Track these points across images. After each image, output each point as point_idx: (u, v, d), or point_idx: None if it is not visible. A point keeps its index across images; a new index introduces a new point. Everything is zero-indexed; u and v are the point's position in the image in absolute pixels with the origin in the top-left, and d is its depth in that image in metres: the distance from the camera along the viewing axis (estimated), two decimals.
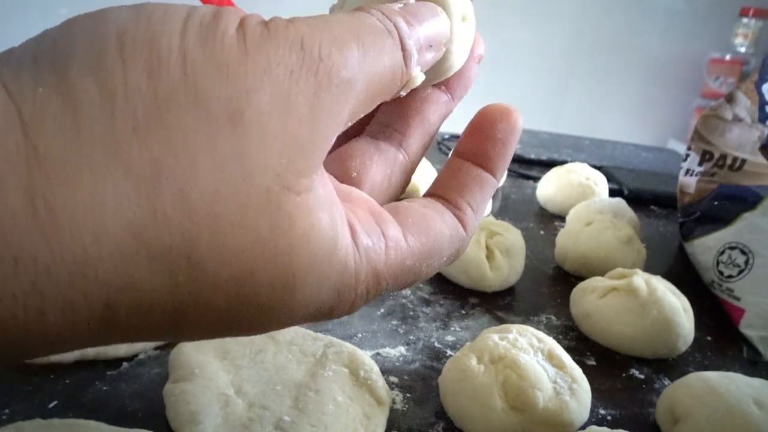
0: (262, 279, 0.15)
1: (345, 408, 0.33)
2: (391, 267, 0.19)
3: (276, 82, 0.15)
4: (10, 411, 0.32)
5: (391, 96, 0.19)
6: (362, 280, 0.18)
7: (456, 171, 0.22)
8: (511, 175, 0.88)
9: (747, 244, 0.53)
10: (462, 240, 0.21)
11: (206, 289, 0.15)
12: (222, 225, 0.14)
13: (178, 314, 0.15)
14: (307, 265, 0.16)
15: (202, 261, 0.14)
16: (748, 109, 0.62)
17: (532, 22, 1.88)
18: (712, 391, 0.35)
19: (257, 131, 0.14)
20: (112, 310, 0.14)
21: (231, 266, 0.15)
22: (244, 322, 0.16)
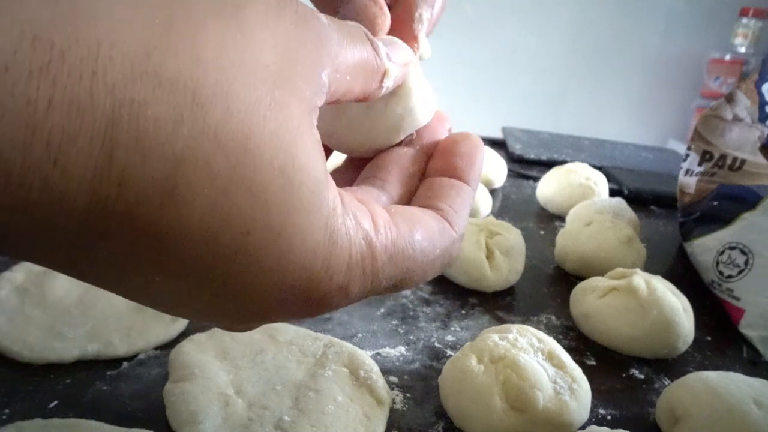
0: (262, 151, 0.15)
1: (345, 408, 0.33)
2: (382, 241, 0.19)
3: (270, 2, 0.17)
4: (10, 411, 0.32)
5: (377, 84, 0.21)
6: (354, 240, 0.18)
7: (431, 185, 0.24)
8: (511, 175, 0.88)
9: (747, 244, 0.53)
10: (452, 237, 0.22)
11: (208, 140, 0.15)
12: (227, 76, 0.15)
13: (176, 164, 0.14)
14: (302, 165, 0.16)
15: (206, 102, 0.15)
16: (748, 109, 0.62)
17: (532, 23, 1.88)
18: (712, 391, 0.35)
19: (255, 22, 0.16)
20: (114, 132, 0.13)
21: (233, 124, 0.15)
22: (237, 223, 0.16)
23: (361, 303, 0.47)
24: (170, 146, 0.14)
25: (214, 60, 0.15)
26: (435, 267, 0.22)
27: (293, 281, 0.17)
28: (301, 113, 0.17)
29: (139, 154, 0.14)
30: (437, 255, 0.21)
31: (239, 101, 0.15)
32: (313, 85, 0.17)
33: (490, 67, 1.90)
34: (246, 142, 0.15)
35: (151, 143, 0.14)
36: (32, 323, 0.37)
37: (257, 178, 0.15)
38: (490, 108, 1.80)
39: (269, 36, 0.16)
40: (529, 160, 0.98)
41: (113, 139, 0.13)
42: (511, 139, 1.06)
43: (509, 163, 0.91)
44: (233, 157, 0.15)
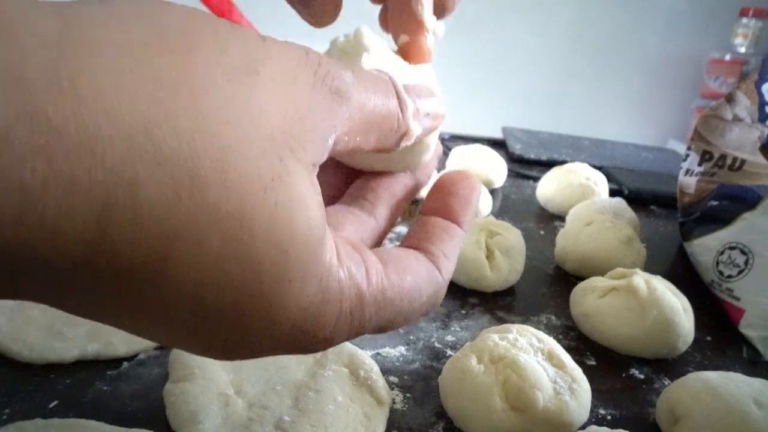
0: (258, 229, 0.15)
1: (345, 408, 0.33)
2: (373, 292, 0.19)
3: (285, 61, 0.17)
4: (10, 411, 0.32)
5: (391, 142, 0.20)
6: (346, 295, 0.18)
7: (425, 224, 0.24)
8: (511, 175, 0.88)
9: (747, 244, 0.53)
10: (439, 284, 0.22)
11: (204, 217, 0.15)
12: (227, 154, 0.15)
13: (170, 240, 0.14)
14: (301, 236, 0.16)
15: (206, 183, 0.14)
16: (748, 109, 0.62)
17: (532, 22, 1.88)
18: (712, 391, 0.35)
19: (267, 88, 0.16)
20: (109, 213, 0.13)
21: (231, 201, 0.15)
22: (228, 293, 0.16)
23: None
24: (165, 224, 0.14)
25: (217, 133, 0.15)
26: (418, 313, 0.22)
27: (281, 336, 0.17)
28: (303, 179, 0.17)
29: (133, 233, 0.14)
30: (423, 302, 0.21)
31: (239, 177, 0.15)
32: (320, 149, 0.17)
33: (490, 67, 1.90)
34: (242, 219, 0.15)
35: (145, 222, 0.14)
36: (32, 323, 0.37)
37: (252, 253, 0.15)
38: (490, 108, 1.80)
39: (279, 101, 0.16)
40: (529, 160, 0.98)
41: (108, 219, 0.13)
42: (511, 139, 1.06)
43: (509, 163, 0.91)
44: (228, 234, 0.15)
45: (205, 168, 0.14)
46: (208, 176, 0.14)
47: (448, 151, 0.88)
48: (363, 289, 0.19)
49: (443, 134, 1.07)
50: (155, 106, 0.14)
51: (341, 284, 0.18)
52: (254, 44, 0.16)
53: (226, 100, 0.15)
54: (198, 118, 0.14)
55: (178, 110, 0.14)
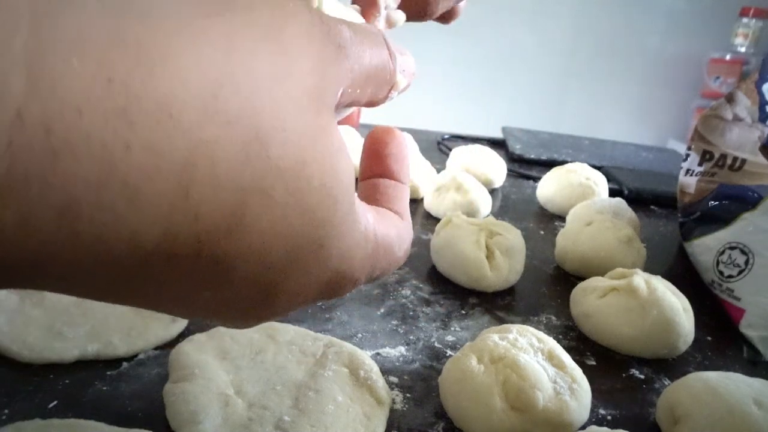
0: (313, 179, 0.17)
1: (345, 408, 0.33)
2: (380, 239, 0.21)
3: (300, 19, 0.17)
4: (10, 411, 0.31)
5: (384, 94, 0.22)
6: (369, 238, 0.20)
7: (377, 187, 0.25)
8: (511, 175, 0.88)
9: (747, 244, 0.53)
10: (410, 235, 0.24)
11: (270, 172, 0.15)
12: (280, 111, 0.16)
13: (244, 196, 0.15)
14: (345, 181, 0.18)
15: (268, 139, 0.15)
16: (748, 109, 0.62)
17: (532, 22, 1.88)
18: (712, 391, 0.35)
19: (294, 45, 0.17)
20: (190, 172, 0.14)
21: (289, 155, 0.16)
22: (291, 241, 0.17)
23: (361, 303, 0.48)
24: (239, 180, 0.15)
25: (269, 91, 0.15)
26: (401, 261, 0.24)
27: (324, 280, 0.19)
28: (338, 133, 0.18)
29: (212, 190, 0.14)
30: (404, 251, 0.24)
31: (293, 130, 0.16)
32: (335, 101, 0.18)
33: (490, 67, 1.90)
34: (300, 169, 0.16)
35: (222, 180, 0.15)
36: (32, 323, 0.37)
37: (309, 201, 0.17)
38: (490, 108, 1.81)
39: (307, 59, 0.17)
40: (529, 160, 0.98)
41: (190, 178, 0.14)
42: (511, 139, 1.06)
43: (509, 163, 0.91)
44: (291, 184, 0.16)
45: (265, 125, 0.15)
46: (269, 133, 0.15)
47: (448, 151, 0.88)
48: (376, 235, 0.21)
49: (443, 134, 1.07)
50: (216, 68, 0.14)
51: (366, 228, 0.20)
52: (274, 4, 0.17)
53: (268, 58, 0.16)
54: (253, 76, 0.15)
55: (235, 70, 0.15)
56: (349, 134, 0.80)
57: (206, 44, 0.14)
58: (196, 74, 0.14)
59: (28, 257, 0.13)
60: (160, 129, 0.13)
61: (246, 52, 0.15)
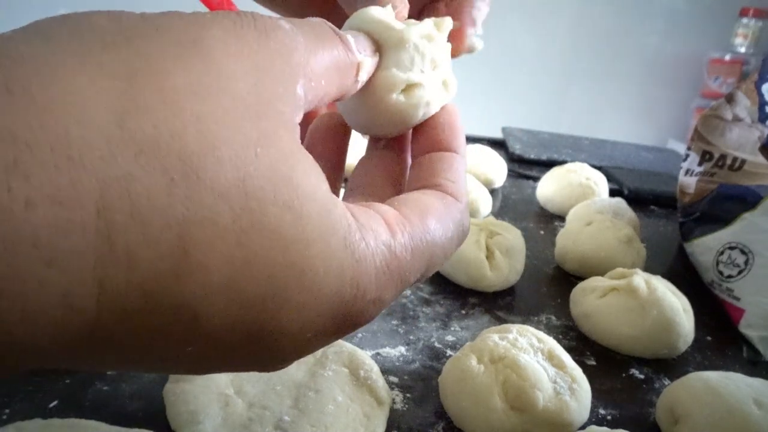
0: (263, 194, 0.15)
1: (345, 408, 0.33)
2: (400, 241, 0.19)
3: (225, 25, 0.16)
4: (10, 411, 0.32)
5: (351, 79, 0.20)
6: (376, 251, 0.18)
7: (421, 164, 0.23)
8: (511, 175, 0.88)
9: (747, 244, 0.53)
10: (459, 210, 0.22)
11: (206, 195, 0.14)
12: (207, 123, 0.14)
13: (182, 230, 0.13)
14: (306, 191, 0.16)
15: (194, 159, 0.14)
16: (748, 109, 0.62)
17: (532, 22, 1.88)
18: (712, 391, 0.35)
19: (219, 51, 0.15)
20: (107, 215, 0.12)
21: (227, 172, 0.14)
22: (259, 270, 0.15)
23: None
24: (170, 212, 0.13)
25: (190, 109, 0.14)
26: (453, 243, 0.21)
27: (328, 310, 0.17)
28: (290, 137, 0.16)
29: (139, 230, 0.13)
30: (452, 231, 0.21)
31: (227, 147, 0.14)
32: (291, 104, 0.17)
33: (490, 67, 1.90)
34: (244, 186, 0.14)
35: (149, 216, 0.13)
36: None
37: (266, 221, 0.15)
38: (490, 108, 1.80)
39: (235, 63, 0.15)
40: (529, 160, 0.98)
41: (108, 222, 0.12)
42: (511, 139, 1.06)
43: (509, 163, 0.91)
44: (237, 205, 0.14)
45: (189, 145, 0.14)
46: (195, 153, 0.14)
47: None
48: (389, 240, 0.18)
49: None
50: (117, 98, 0.13)
51: (367, 240, 0.18)
52: (185, 16, 0.15)
53: (182, 72, 0.14)
54: (163, 97, 0.14)
55: (143, 95, 0.13)
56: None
57: (103, 76, 0.13)
58: (94, 109, 0.13)
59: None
60: (62, 175, 0.12)
61: (154, 74, 0.14)
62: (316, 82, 0.18)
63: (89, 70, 0.13)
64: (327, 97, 0.19)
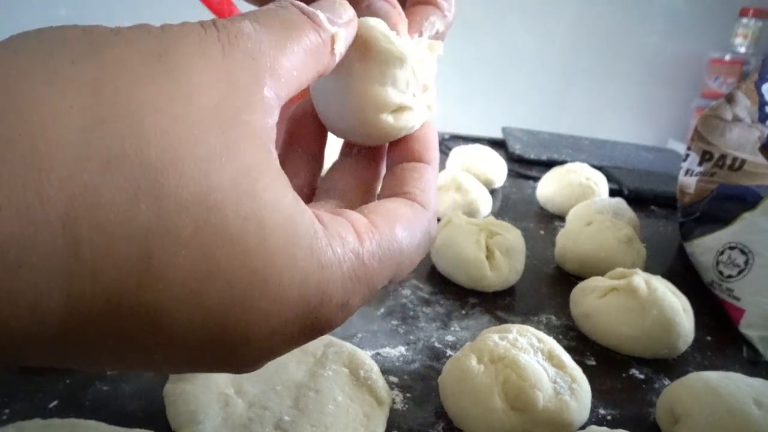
0: (225, 203, 0.15)
1: (345, 408, 0.33)
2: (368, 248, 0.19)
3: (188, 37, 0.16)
4: (10, 411, 0.32)
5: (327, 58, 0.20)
6: (343, 258, 0.18)
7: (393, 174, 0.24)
8: (511, 175, 0.88)
9: (747, 244, 0.53)
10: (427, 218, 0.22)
11: (170, 208, 0.14)
12: (170, 138, 0.15)
13: (145, 240, 0.14)
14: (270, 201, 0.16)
15: (158, 173, 0.14)
16: (748, 109, 0.62)
17: (532, 22, 1.88)
18: (712, 391, 0.35)
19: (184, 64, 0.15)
20: (73, 227, 0.13)
21: (189, 182, 0.15)
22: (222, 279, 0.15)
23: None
24: (134, 224, 0.14)
25: (155, 124, 0.14)
26: (420, 250, 0.22)
27: (294, 316, 0.17)
28: (255, 146, 0.16)
29: (104, 241, 0.13)
30: (419, 239, 0.22)
31: (190, 160, 0.15)
32: (259, 110, 0.17)
33: (490, 67, 1.90)
34: (206, 199, 0.15)
35: (114, 227, 0.13)
36: None
37: (229, 232, 0.15)
38: (490, 108, 1.80)
39: (201, 77, 0.16)
40: (529, 160, 0.98)
41: (74, 234, 0.13)
42: (511, 139, 1.06)
43: (509, 163, 0.91)
44: (199, 217, 0.15)
45: (153, 159, 0.14)
46: (159, 167, 0.14)
47: (448, 151, 0.88)
48: (357, 248, 0.19)
49: (443, 134, 1.07)
50: (82, 113, 0.13)
51: (333, 248, 0.18)
52: (153, 30, 0.16)
53: (148, 87, 0.15)
54: (128, 111, 0.14)
55: (109, 110, 0.14)
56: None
57: (71, 91, 0.14)
58: (62, 124, 0.13)
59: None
60: (29, 190, 0.12)
61: (121, 88, 0.14)
62: (287, 77, 0.18)
63: (58, 85, 0.14)
64: (305, 82, 0.19)
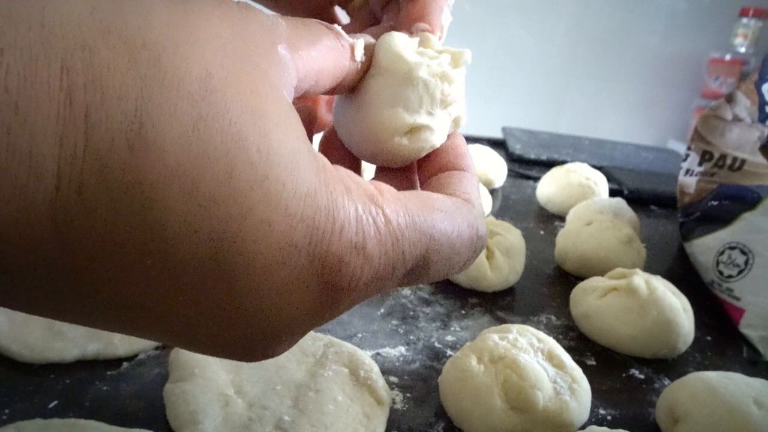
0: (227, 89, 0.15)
1: (345, 408, 0.33)
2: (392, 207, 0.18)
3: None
4: (10, 411, 0.32)
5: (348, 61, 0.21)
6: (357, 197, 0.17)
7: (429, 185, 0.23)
8: (511, 175, 0.88)
9: (747, 244, 0.53)
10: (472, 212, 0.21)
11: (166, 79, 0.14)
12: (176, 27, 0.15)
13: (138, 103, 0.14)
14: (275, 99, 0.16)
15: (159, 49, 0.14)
16: (748, 109, 0.62)
17: (532, 22, 1.88)
18: (712, 391, 0.35)
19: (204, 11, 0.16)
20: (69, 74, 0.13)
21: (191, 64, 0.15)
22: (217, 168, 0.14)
23: (360, 303, 0.47)
24: (129, 85, 0.14)
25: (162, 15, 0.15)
26: (466, 243, 0.20)
27: (301, 240, 0.15)
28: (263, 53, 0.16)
29: (98, 94, 0.13)
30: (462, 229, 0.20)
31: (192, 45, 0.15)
32: (272, 59, 0.17)
33: (490, 67, 1.90)
34: (205, 82, 0.15)
35: (108, 84, 0.13)
36: (32, 323, 0.37)
37: (226, 115, 0.15)
38: (490, 108, 1.80)
39: (218, 15, 0.16)
40: (529, 160, 0.98)
41: (70, 82, 0.13)
42: (511, 139, 1.06)
43: (509, 163, 0.91)
44: (197, 94, 0.14)
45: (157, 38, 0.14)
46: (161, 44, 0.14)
47: None
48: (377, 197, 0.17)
49: None
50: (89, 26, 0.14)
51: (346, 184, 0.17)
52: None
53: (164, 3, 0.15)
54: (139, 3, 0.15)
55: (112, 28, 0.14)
56: None
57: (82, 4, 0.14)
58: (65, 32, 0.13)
59: None
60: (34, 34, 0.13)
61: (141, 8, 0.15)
62: (304, 51, 0.18)
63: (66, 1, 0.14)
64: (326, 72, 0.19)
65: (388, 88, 0.22)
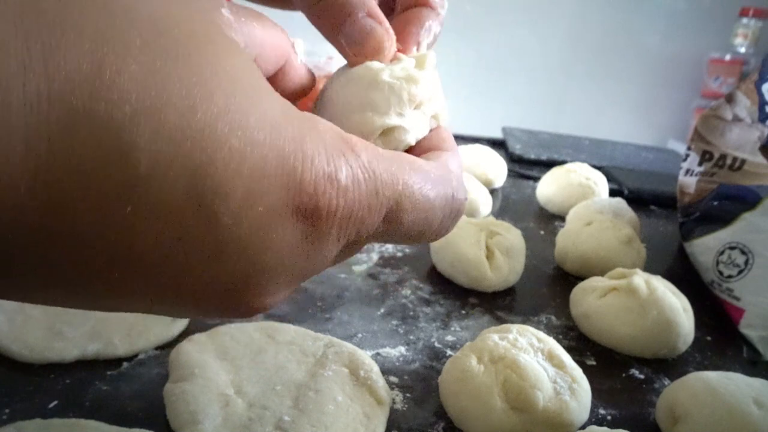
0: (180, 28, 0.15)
1: (345, 408, 0.33)
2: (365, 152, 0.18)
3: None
4: (10, 411, 0.32)
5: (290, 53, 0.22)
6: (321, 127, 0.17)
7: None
8: (511, 175, 0.88)
9: (747, 244, 0.53)
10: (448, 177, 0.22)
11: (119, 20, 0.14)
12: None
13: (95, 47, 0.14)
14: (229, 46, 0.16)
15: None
16: (748, 109, 0.62)
17: (532, 22, 1.88)
18: (712, 391, 0.35)
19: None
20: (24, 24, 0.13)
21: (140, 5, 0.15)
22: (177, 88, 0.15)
23: (361, 303, 0.47)
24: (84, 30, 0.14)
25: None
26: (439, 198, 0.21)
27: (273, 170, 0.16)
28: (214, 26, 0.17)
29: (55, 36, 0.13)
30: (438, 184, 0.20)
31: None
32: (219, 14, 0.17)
33: (490, 67, 1.90)
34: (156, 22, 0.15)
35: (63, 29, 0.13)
36: (32, 323, 0.37)
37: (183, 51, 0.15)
38: (490, 108, 1.80)
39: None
40: (529, 160, 0.98)
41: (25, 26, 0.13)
42: (511, 139, 1.06)
43: (509, 163, 0.91)
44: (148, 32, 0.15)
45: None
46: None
47: None
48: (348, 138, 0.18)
49: None
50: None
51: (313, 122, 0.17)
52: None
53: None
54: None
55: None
56: None
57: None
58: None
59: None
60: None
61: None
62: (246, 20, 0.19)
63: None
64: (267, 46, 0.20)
65: (357, 95, 0.23)
